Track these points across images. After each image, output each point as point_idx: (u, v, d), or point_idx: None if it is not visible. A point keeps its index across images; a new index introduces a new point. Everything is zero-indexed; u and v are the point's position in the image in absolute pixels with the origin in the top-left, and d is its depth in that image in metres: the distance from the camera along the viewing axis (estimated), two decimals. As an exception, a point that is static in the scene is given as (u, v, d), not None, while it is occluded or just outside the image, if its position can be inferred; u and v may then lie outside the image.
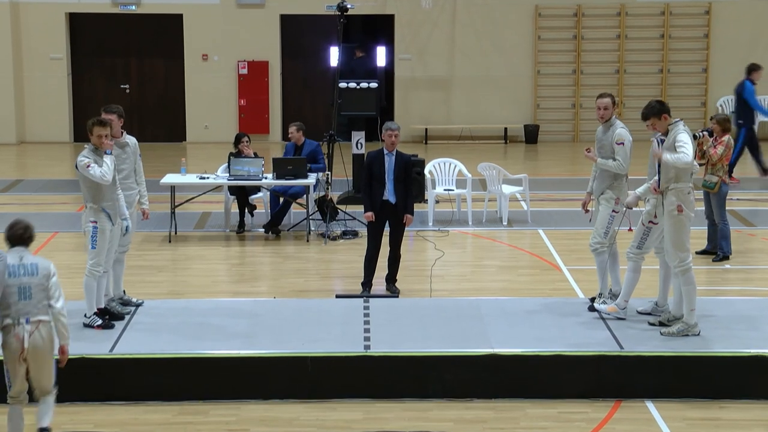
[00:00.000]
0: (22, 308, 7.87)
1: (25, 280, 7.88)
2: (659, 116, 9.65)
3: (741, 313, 10.47)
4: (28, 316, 7.88)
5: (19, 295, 7.87)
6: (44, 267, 7.97)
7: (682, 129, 9.59)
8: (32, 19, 23.54)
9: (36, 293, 7.90)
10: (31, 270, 7.92)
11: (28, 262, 7.93)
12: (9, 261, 7.89)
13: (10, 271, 7.87)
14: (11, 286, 7.86)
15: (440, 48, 23.89)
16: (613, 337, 9.77)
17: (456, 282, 12.79)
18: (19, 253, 7.96)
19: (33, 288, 7.89)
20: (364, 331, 9.97)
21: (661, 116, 9.65)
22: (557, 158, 22.07)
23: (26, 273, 7.89)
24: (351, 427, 8.78)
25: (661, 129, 9.70)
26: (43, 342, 7.94)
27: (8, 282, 7.85)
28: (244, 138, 15.43)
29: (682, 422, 8.84)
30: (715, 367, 9.36)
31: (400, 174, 11.73)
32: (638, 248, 10.10)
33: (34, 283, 7.89)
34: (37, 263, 7.96)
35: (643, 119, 9.78)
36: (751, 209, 16.45)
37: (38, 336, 7.91)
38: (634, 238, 10.17)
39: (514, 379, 9.32)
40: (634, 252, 10.11)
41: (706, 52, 23.91)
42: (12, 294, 7.87)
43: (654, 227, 9.95)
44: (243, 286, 12.76)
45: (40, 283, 7.91)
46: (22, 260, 7.93)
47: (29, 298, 7.88)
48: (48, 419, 8.09)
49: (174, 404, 9.14)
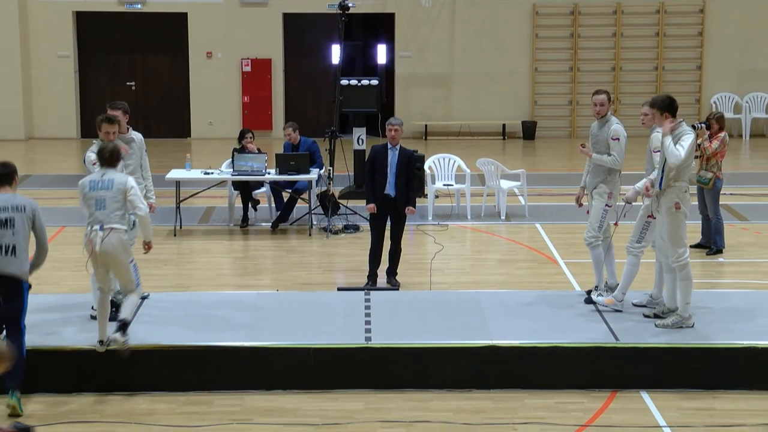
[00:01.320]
0: (97, 216, 9.00)
1: (102, 193, 9.02)
2: (662, 112, 9.59)
3: (734, 306, 10.46)
4: (102, 223, 8.97)
5: (96, 206, 9.03)
6: (120, 182, 9.08)
7: (688, 130, 9.55)
8: (40, 18, 23.54)
9: (109, 204, 9.01)
10: (107, 185, 9.04)
11: (106, 179, 9.08)
12: (92, 177, 9.15)
13: (90, 186, 9.09)
14: (91, 198, 9.06)
15: (440, 46, 23.88)
16: (609, 329, 9.77)
17: (455, 275, 12.79)
18: (103, 171, 9.14)
19: (107, 200, 9.01)
20: (365, 323, 9.96)
21: (664, 113, 9.59)
22: (554, 154, 22.06)
23: (103, 187, 9.04)
24: (352, 416, 8.78)
25: (654, 123, 9.66)
26: (113, 247, 9.00)
27: (89, 195, 9.06)
28: (248, 134, 15.43)
29: (676, 412, 8.84)
30: (709, 358, 9.36)
31: (402, 168, 11.73)
32: (638, 242, 10.09)
33: (108, 196, 9.01)
34: (113, 179, 9.08)
35: (650, 105, 9.69)
36: (743, 204, 16.44)
37: (108, 242, 8.96)
38: (633, 233, 10.15)
39: (513, 370, 9.32)
40: (633, 246, 10.10)
41: (700, 50, 23.89)
42: (91, 205, 9.06)
43: (653, 222, 9.93)
44: (247, 279, 12.76)
45: (113, 197, 9.02)
46: (102, 177, 9.11)
47: (104, 208, 9.01)
48: (126, 312, 9.10)
49: (179, 394, 9.14)
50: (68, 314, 10.07)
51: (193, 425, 8.62)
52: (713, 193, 13.33)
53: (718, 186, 13.36)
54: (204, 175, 15.21)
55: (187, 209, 15.55)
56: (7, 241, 8.66)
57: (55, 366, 9.22)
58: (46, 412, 8.81)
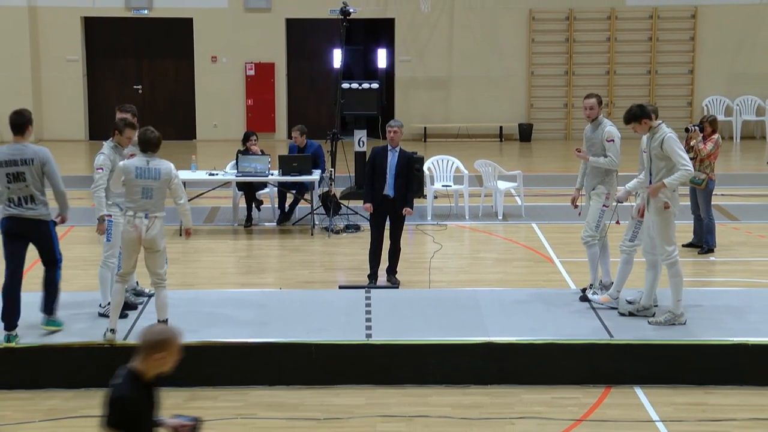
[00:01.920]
0: (143, 205, 9.07)
1: (149, 183, 9.07)
2: (639, 121, 9.63)
3: (725, 303, 10.46)
4: (147, 212, 9.08)
5: (143, 194, 9.07)
6: (166, 172, 9.13)
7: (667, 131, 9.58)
8: (49, 23, 23.54)
9: (156, 194, 9.11)
10: (155, 174, 9.08)
11: (153, 167, 9.09)
12: (137, 164, 9.10)
13: (137, 173, 9.06)
14: (137, 185, 9.06)
15: (439, 50, 23.88)
16: (604, 326, 9.77)
17: (454, 274, 12.78)
18: (147, 158, 9.10)
19: (154, 190, 9.09)
20: (365, 320, 9.96)
21: (642, 121, 9.62)
22: (550, 155, 22.05)
23: (150, 177, 9.08)
24: (353, 411, 8.77)
25: (642, 131, 9.69)
26: (157, 233, 9.16)
27: (135, 182, 9.05)
28: (253, 136, 15.43)
29: (669, 407, 8.83)
30: (701, 354, 9.36)
31: (401, 170, 11.73)
32: (630, 241, 10.10)
33: (155, 186, 9.09)
34: (160, 169, 9.11)
35: (625, 123, 9.77)
36: (734, 204, 16.44)
37: (154, 229, 9.11)
38: (626, 232, 10.16)
39: (510, 366, 9.31)
40: (626, 245, 10.11)
41: (692, 55, 23.89)
42: (137, 192, 9.06)
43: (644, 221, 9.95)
44: (250, 278, 12.76)
45: (160, 187, 9.11)
46: (148, 164, 9.09)
47: (150, 198, 9.09)
48: (166, 311, 9.30)
49: (185, 389, 9.13)
50: (78, 311, 10.05)
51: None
52: (706, 193, 13.33)
53: (711, 187, 13.36)
54: (209, 176, 15.20)
55: (193, 209, 15.36)
56: (23, 193, 9.14)
57: (66, 362, 9.22)
58: (54, 407, 8.81)
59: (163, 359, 5.42)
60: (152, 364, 5.42)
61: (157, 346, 5.39)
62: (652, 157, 9.59)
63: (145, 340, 5.43)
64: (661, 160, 9.53)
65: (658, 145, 9.51)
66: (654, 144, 9.56)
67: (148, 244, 9.17)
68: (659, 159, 9.54)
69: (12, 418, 8.59)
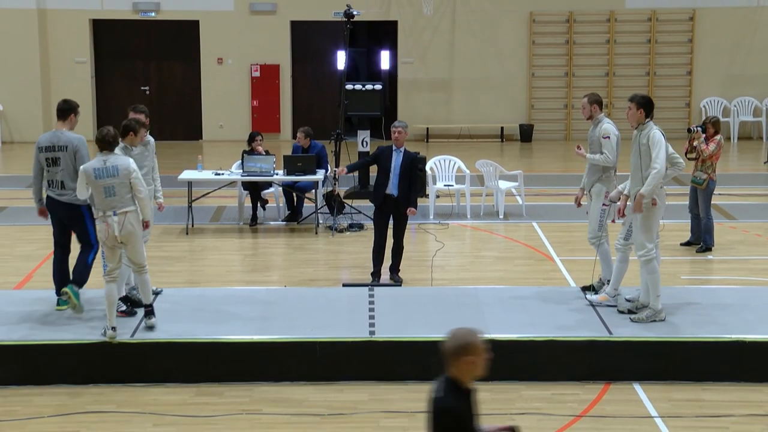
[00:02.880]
0: (109, 203, 9.11)
1: (109, 181, 9.09)
2: (638, 108, 9.68)
3: (723, 301, 10.45)
4: (114, 209, 9.10)
5: (106, 193, 9.10)
6: (124, 168, 9.14)
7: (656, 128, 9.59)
8: (58, 25, 23.55)
9: (119, 191, 9.10)
10: (113, 172, 9.11)
11: (110, 165, 9.11)
12: (95, 165, 9.14)
13: (95, 174, 9.10)
14: (99, 185, 9.10)
15: (441, 52, 23.87)
16: (603, 323, 9.76)
17: (455, 272, 12.78)
18: (104, 157, 9.15)
19: (116, 187, 9.10)
20: (369, 317, 9.96)
21: (639, 109, 9.67)
22: (550, 155, 22.04)
23: (109, 175, 9.10)
24: (357, 407, 8.77)
25: (632, 119, 9.69)
26: (131, 226, 9.19)
27: (96, 183, 9.10)
28: (258, 136, 15.44)
29: (667, 403, 8.82)
30: (699, 351, 9.35)
31: (405, 170, 11.72)
32: (625, 239, 10.09)
33: (116, 183, 9.09)
34: (117, 165, 9.13)
35: (629, 100, 9.79)
36: (732, 203, 16.42)
37: (126, 224, 9.14)
38: (621, 230, 10.16)
39: (510, 362, 9.29)
40: (621, 243, 10.10)
41: (690, 56, 23.86)
42: (101, 192, 9.11)
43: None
44: (256, 276, 12.76)
45: (121, 182, 9.10)
46: (105, 163, 9.12)
47: (114, 195, 9.11)
48: (148, 296, 9.46)
49: (191, 386, 9.14)
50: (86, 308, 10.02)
51: (204, 415, 8.62)
52: (706, 193, 13.31)
53: (711, 187, 13.34)
54: (215, 175, 15.20)
55: (199, 208, 15.55)
56: (58, 177, 9.75)
57: (71, 358, 9.22)
58: (62, 403, 8.81)
59: (474, 362, 5.24)
60: (465, 369, 5.24)
61: (463, 350, 5.21)
62: (641, 154, 9.60)
63: (450, 347, 5.24)
64: (648, 157, 9.53)
65: (646, 141, 9.53)
66: (642, 141, 9.58)
67: (125, 239, 9.23)
68: (647, 155, 9.54)
69: (21, 414, 8.60)
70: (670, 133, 11.16)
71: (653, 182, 9.43)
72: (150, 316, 9.55)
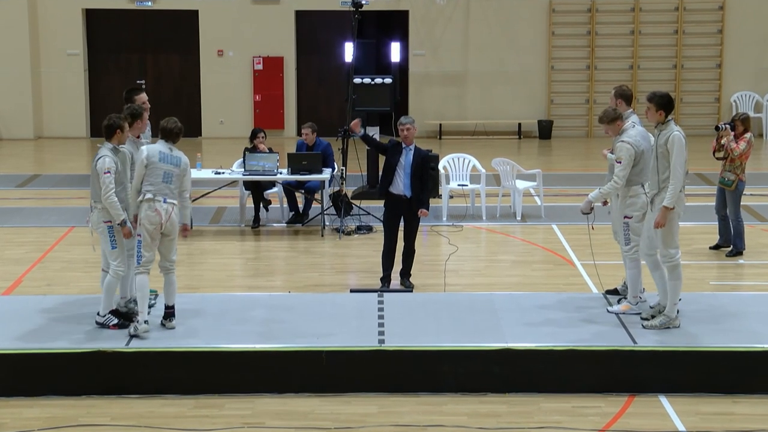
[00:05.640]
0: (162, 189, 9.57)
1: (171, 168, 9.62)
2: (657, 109, 9.69)
3: (754, 309, 10.43)
4: (166, 197, 9.58)
5: (164, 179, 9.58)
6: (185, 162, 9.76)
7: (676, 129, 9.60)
8: (49, 16, 23.62)
9: (175, 181, 9.64)
10: (176, 161, 9.67)
11: (175, 155, 9.69)
12: (161, 149, 9.64)
13: (161, 157, 9.60)
14: (159, 169, 9.57)
15: (454, 44, 23.88)
16: (627, 331, 9.75)
17: (470, 277, 12.78)
18: (169, 146, 9.70)
19: (174, 176, 9.63)
20: (378, 325, 9.96)
21: (659, 111, 9.68)
22: (571, 153, 22.03)
23: (172, 163, 9.64)
24: (365, 420, 8.78)
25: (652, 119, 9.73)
26: (175, 220, 9.66)
27: (158, 165, 9.56)
28: (260, 133, 15.47)
29: (695, 417, 8.82)
30: (729, 361, 9.33)
31: (416, 169, 11.72)
32: (626, 245, 10.12)
33: (176, 172, 9.64)
34: (180, 157, 9.71)
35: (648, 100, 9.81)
36: (763, 204, 16.39)
37: (174, 215, 9.63)
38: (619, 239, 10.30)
39: (528, 373, 9.30)
40: (625, 251, 10.16)
41: (720, 48, 23.84)
42: (158, 176, 9.56)
43: (630, 222, 10.00)
44: (258, 281, 12.78)
45: (179, 174, 9.66)
46: (171, 151, 9.68)
47: (170, 183, 9.61)
48: (173, 297, 9.82)
49: (189, 398, 9.15)
50: (79, 315, 10.06)
51: (203, 429, 8.63)
52: (735, 195, 13.28)
53: (741, 188, 13.30)
54: (215, 174, 15.24)
55: (198, 209, 15.57)
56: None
57: (63, 368, 9.23)
58: (54, 415, 8.83)
59: None
60: None
61: None
62: (659, 156, 9.58)
63: None
64: (666, 160, 9.52)
65: (665, 143, 9.51)
66: (661, 142, 9.56)
67: (168, 231, 9.62)
68: (664, 158, 9.53)
69: (9, 427, 8.62)
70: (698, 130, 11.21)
71: (673, 192, 9.43)
72: (170, 319, 9.81)
